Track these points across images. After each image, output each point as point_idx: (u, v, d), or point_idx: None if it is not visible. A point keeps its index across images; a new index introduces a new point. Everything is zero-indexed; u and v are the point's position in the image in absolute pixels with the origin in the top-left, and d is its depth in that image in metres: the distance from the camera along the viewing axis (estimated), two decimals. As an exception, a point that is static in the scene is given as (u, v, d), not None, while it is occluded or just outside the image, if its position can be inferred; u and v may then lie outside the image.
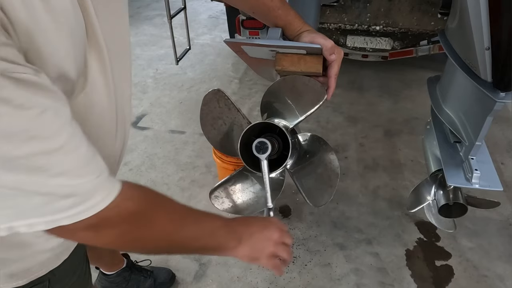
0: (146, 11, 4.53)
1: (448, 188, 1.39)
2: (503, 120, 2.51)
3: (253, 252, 0.71)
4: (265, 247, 0.72)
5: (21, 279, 0.67)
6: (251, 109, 2.75)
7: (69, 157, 0.45)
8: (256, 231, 0.72)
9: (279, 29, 0.84)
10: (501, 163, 2.21)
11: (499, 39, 1.01)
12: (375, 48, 2.53)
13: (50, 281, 0.72)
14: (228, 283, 1.64)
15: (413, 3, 2.22)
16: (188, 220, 0.64)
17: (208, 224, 0.67)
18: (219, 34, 3.97)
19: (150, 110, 2.78)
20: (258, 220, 0.77)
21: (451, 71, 1.37)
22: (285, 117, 0.88)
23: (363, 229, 1.86)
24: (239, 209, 0.94)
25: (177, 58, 2.50)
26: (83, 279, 0.84)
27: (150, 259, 1.65)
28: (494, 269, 1.67)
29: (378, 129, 2.55)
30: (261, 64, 1.00)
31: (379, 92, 2.95)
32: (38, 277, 0.69)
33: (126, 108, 0.70)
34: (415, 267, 1.69)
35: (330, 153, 0.91)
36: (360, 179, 2.15)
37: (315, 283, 1.63)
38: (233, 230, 0.70)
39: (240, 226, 0.72)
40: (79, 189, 0.47)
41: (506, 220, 1.89)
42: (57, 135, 0.43)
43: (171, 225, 0.61)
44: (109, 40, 0.57)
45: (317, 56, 0.80)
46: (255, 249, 0.71)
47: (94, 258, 0.89)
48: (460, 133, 1.33)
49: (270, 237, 0.72)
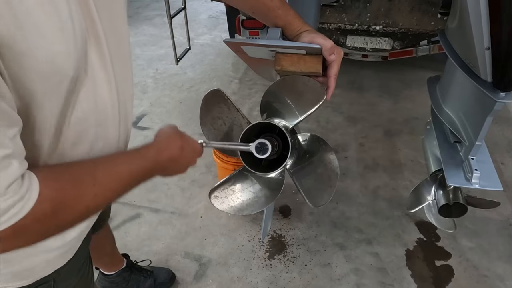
0: (146, 11, 4.53)
1: (448, 188, 1.39)
2: (503, 120, 2.51)
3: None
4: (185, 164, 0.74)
5: (26, 279, 0.67)
6: (251, 109, 2.75)
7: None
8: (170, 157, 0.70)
9: (278, 29, 0.84)
10: (501, 163, 2.21)
11: (499, 39, 1.01)
12: (375, 48, 2.52)
13: (55, 280, 0.72)
14: (228, 283, 1.64)
15: (413, 3, 2.22)
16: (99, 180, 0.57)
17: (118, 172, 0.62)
18: (219, 34, 3.98)
19: (150, 110, 2.78)
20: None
21: (451, 71, 1.37)
22: (285, 117, 0.88)
23: (363, 229, 1.86)
24: (239, 209, 0.94)
25: (177, 58, 2.50)
26: (86, 279, 0.84)
27: (150, 259, 1.65)
28: (494, 269, 1.67)
29: (378, 129, 2.55)
30: (261, 64, 1.00)
31: (379, 92, 2.95)
32: (43, 277, 0.69)
33: (129, 106, 0.70)
34: (415, 267, 1.69)
35: (330, 153, 0.91)
36: (360, 179, 2.15)
37: (315, 283, 1.63)
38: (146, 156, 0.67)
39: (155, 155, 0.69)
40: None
41: (506, 220, 1.89)
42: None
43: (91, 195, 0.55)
44: (109, 35, 0.57)
45: (317, 56, 0.80)
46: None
47: (94, 258, 0.89)
48: (460, 133, 1.33)
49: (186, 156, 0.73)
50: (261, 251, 1.77)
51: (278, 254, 1.75)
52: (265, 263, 1.72)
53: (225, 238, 1.83)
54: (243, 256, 1.74)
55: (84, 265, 0.82)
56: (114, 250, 1.43)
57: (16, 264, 0.64)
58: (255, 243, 1.80)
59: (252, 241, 1.81)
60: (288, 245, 1.79)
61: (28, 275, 0.67)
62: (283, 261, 1.72)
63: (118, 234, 1.82)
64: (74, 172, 0.55)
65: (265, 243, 1.80)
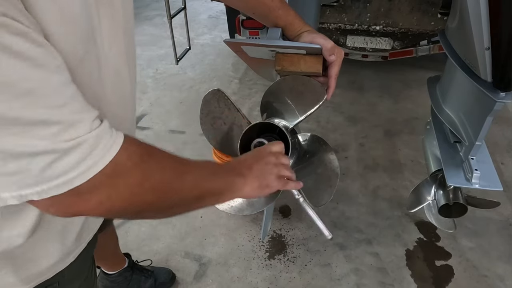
0: (146, 11, 4.53)
1: (448, 188, 1.39)
2: (503, 120, 2.51)
3: (261, 180, 0.69)
4: (269, 172, 0.71)
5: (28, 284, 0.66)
6: (251, 109, 2.75)
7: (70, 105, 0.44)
8: (254, 163, 0.70)
9: (279, 29, 0.84)
10: (501, 163, 2.21)
11: (499, 39, 1.01)
12: (375, 48, 2.52)
13: (60, 283, 0.71)
14: (228, 283, 1.64)
15: (413, 3, 2.22)
16: (189, 168, 0.61)
17: (207, 168, 0.65)
18: (219, 34, 3.97)
19: (150, 110, 2.78)
20: (250, 154, 0.75)
21: (451, 71, 1.37)
22: (285, 117, 0.88)
23: (363, 229, 1.86)
24: (239, 209, 0.94)
25: (177, 58, 2.50)
26: (90, 280, 0.84)
27: (151, 259, 1.65)
28: (494, 269, 1.67)
29: (378, 129, 2.55)
30: (261, 64, 1.00)
31: (379, 92, 2.95)
32: (47, 279, 0.69)
33: (133, 75, 0.70)
34: (415, 267, 1.69)
35: (330, 153, 0.91)
36: (360, 179, 2.15)
37: (315, 283, 1.63)
38: (232, 167, 0.69)
39: (237, 163, 0.71)
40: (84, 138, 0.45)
41: (506, 220, 1.89)
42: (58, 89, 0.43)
43: (176, 173, 0.58)
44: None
45: (317, 56, 0.80)
46: (261, 178, 0.69)
47: (97, 257, 0.89)
48: (460, 133, 1.33)
49: (268, 162, 0.71)
50: (261, 251, 1.77)
51: (278, 254, 1.75)
52: (265, 263, 1.72)
53: (225, 238, 1.83)
54: (243, 256, 1.75)
55: (88, 267, 0.82)
56: (117, 249, 1.44)
57: (22, 266, 0.64)
58: (255, 243, 1.80)
59: (252, 241, 1.81)
60: (288, 245, 1.79)
61: (34, 278, 0.67)
62: (283, 261, 1.72)
63: (118, 233, 1.80)
64: (159, 152, 0.57)
65: (265, 243, 1.80)
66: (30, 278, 0.66)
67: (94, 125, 0.46)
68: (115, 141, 0.48)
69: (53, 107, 0.42)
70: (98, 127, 0.47)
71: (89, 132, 0.45)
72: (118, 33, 0.58)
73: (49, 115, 0.42)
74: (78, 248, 0.74)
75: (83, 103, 0.46)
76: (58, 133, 0.43)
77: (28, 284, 0.66)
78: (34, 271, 0.66)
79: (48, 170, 0.43)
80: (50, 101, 0.42)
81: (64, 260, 0.71)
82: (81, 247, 0.75)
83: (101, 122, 0.48)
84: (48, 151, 0.43)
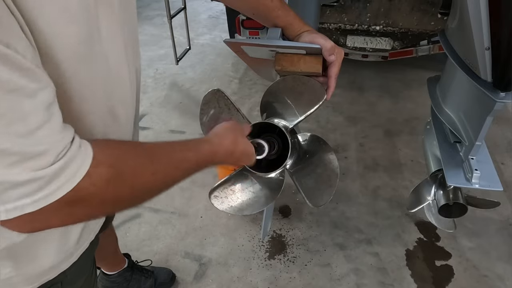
0: (146, 11, 4.53)
1: (448, 188, 1.39)
2: (503, 120, 2.51)
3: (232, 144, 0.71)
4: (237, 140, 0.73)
5: (32, 284, 0.66)
6: (251, 109, 2.75)
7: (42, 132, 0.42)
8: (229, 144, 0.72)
9: (278, 29, 0.84)
10: (501, 163, 2.21)
11: (499, 39, 1.01)
12: (375, 48, 2.53)
13: (62, 283, 0.72)
14: (228, 283, 1.64)
15: (413, 3, 2.22)
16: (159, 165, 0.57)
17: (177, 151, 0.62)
18: (219, 34, 3.98)
19: (150, 110, 2.78)
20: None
21: (451, 71, 1.37)
22: (285, 117, 0.88)
23: (363, 229, 1.86)
24: (239, 209, 0.94)
25: (177, 58, 2.50)
26: (90, 280, 0.84)
27: (151, 260, 1.65)
28: (494, 269, 1.67)
29: (378, 129, 2.55)
30: (261, 64, 1.00)
31: (379, 92, 2.95)
32: (50, 279, 0.69)
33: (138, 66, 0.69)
34: (415, 267, 1.69)
35: (329, 153, 0.91)
36: (360, 179, 2.15)
37: (315, 283, 1.63)
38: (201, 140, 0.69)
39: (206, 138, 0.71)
40: (44, 172, 0.42)
41: (506, 220, 1.89)
42: (27, 117, 0.40)
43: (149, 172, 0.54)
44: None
45: (317, 56, 0.80)
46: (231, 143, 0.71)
47: (97, 258, 0.89)
48: (460, 133, 1.33)
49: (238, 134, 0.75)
50: (261, 251, 1.77)
51: (278, 254, 1.75)
52: (265, 263, 1.72)
53: (225, 238, 1.83)
54: (243, 256, 1.75)
55: (89, 267, 0.83)
56: (116, 250, 1.44)
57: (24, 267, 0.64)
58: (255, 243, 1.80)
59: (252, 241, 1.81)
60: (288, 245, 1.79)
61: (36, 279, 0.67)
62: (283, 261, 1.72)
63: (118, 234, 1.81)
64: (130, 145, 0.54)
65: (265, 243, 1.80)
66: (33, 278, 0.66)
67: (60, 155, 0.43)
68: (79, 168, 0.45)
69: (17, 136, 0.40)
70: (64, 156, 0.44)
71: (51, 165, 0.43)
72: (117, 33, 0.58)
73: (11, 144, 0.40)
74: (81, 248, 0.74)
75: (55, 129, 0.44)
76: (15, 164, 0.40)
77: (31, 284, 0.66)
78: (37, 271, 0.66)
79: (1, 194, 0.41)
80: (15, 130, 0.40)
81: (67, 260, 0.71)
82: (83, 247, 0.75)
83: (70, 146, 0.45)
84: (0, 181, 0.41)
